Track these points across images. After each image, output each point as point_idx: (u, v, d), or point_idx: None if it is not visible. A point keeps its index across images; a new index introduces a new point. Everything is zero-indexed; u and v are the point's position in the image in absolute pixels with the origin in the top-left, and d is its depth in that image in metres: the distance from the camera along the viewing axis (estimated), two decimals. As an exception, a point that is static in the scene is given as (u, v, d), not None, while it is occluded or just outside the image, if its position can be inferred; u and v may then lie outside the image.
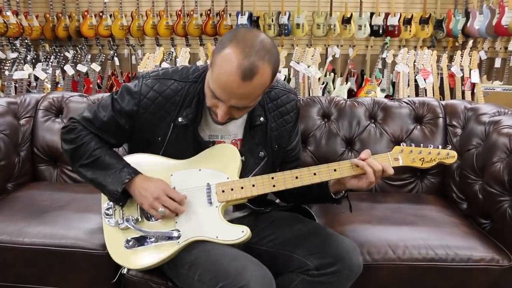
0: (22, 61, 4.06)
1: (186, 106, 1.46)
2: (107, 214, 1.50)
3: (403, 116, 2.22)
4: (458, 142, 2.11)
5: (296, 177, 1.44)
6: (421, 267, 1.60)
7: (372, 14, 5.76)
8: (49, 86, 4.27)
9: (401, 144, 1.48)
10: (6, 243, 1.63)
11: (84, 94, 2.39)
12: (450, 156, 1.48)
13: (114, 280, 1.57)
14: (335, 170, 1.43)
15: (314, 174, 1.44)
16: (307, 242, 1.46)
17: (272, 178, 1.45)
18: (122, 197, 1.46)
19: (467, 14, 5.44)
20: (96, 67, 4.85)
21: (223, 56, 1.27)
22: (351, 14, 5.71)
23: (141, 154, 1.54)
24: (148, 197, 1.42)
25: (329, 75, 5.57)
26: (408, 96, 4.12)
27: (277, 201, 1.80)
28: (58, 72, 4.68)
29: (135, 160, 1.52)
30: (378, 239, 1.67)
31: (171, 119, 1.47)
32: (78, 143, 1.50)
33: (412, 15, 5.71)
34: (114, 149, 1.57)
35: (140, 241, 1.45)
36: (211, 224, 1.43)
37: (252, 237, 1.51)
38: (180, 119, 1.46)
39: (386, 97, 4.41)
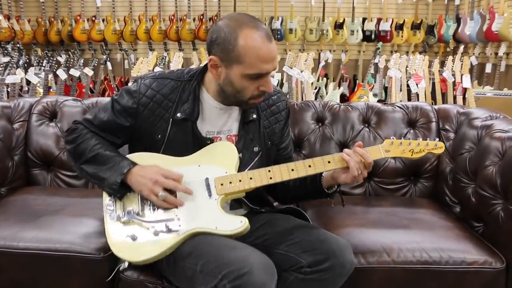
0: (14, 65, 4.04)
1: (183, 102, 1.54)
2: (109, 210, 1.51)
3: (397, 120, 2.24)
4: (451, 146, 2.13)
5: (292, 170, 1.49)
6: (415, 270, 1.61)
7: (364, 19, 5.81)
8: (41, 90, 4.25)
9: (391, 138, 1.53)
10: (0, 247, 1.62)
11: (78, 98, 2.38)
12: (438, 147, 1.53)
13: (109, 279, 1.56)
14: (329, 162, 1.48)
15: (309, 166, 1.48)
16: (300, 239, 1.48)
17: (269, 171, 1.49)
18: (121, 189, 1.48)
19: (458, 20, 5.50)
20: (88, 71, 4.84)
21: (245, 41, 1.39)
22: (344, 20, 5.74)
23: (142, 152, 1.57)
24: (147, 183, 1.45)
25: (322, 80, 5.60)
26: (401, 101, 4.15)
27: (275, 204, 1.81)
28: (50, 76, 4.67)
29: (136, 158, 1.55)
30: (373, 242, 1.68)
31: (170, 115, 1.53)
32: (79, 141, 1.56)
33: (404, 20, 5.76)
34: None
35: (142, 234, 1.46)
36: (210, 215, 1.45)
37: (246, 237, 1.53)
38: (178, 114, 1.53)
39: (378, 101, 4.45)
